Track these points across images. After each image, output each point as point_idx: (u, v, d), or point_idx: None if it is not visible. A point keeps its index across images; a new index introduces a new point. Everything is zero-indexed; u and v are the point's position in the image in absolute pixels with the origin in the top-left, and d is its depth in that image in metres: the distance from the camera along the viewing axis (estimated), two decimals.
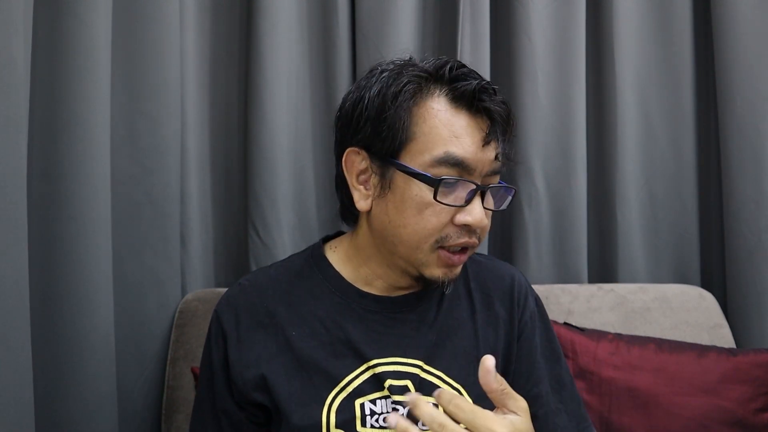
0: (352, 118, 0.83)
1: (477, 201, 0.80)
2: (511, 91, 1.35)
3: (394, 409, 0.83)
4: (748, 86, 1.33)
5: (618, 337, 1.18)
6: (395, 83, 0.81)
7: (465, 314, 0.89)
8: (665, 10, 1.41)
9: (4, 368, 0.87)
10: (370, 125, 0.81)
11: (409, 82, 0.80)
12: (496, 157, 0.81)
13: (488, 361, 0.64)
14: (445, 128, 0.79)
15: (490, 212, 0.84)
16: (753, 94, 1.33)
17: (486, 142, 0.80)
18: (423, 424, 0.63)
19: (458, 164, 0.78)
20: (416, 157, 0.79)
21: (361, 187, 0.84)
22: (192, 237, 1.25)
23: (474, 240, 0.82)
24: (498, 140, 0.81)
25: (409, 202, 0.80)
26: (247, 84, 1.29)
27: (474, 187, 0.79)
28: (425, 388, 0.83)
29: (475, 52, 1.32)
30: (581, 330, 1.18)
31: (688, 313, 1.27)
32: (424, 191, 0.79)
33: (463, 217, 0.79)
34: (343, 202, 0.91)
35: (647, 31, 1.41)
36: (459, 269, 0.85)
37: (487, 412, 0.64)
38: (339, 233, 0.96)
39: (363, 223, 0.88)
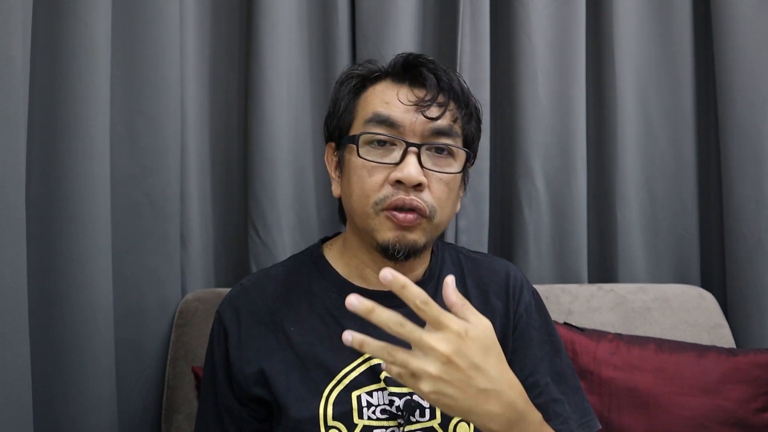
0: (327, 118, 0.93)
1: (410, 159, 0.82)
2: (511, 91, 1.35)
3: (391, 401, 0.83)
4: (748, 86, 1.33)
5: (618, 337, 1.18)
6: (347, 74, 0.91)
7: None
8: (665, 10, 1.41)
9: (3, 368, 0.86)
10: (332, 118, 0.91)
11: (359, 73, 0.90)
12: (437, 119, 0.84)
13: (449, 278, 0.68)
14: (378, 98, 0.86)
15: (444, 176, 0.85)
16: (753, 94, 1.32)
17: (421, 105, 0.83)
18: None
19: (384, 122, 0.83)
20: (355, 130, 0.86)
21: (336, 176, 0.91)
22: (192, 237, 1.25)
23: (413, 198, 0.82)
24: (438, 105, 0.84)
25: (352, 171, 0.85)
26: (247, 84, 1.28)
27: (405, 145, 0.83)
28: None
29: (475, 52, 1.32)
30: (581, 330, 1.18)
31: (688, 313, 1.27)
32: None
33: (394, 174, 0.82)
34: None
35: (647, 31, 1.41)
36: (414, 236, 0.83)
37: (451, 314, 0.66)
38: (337, 234, 0.97)
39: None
